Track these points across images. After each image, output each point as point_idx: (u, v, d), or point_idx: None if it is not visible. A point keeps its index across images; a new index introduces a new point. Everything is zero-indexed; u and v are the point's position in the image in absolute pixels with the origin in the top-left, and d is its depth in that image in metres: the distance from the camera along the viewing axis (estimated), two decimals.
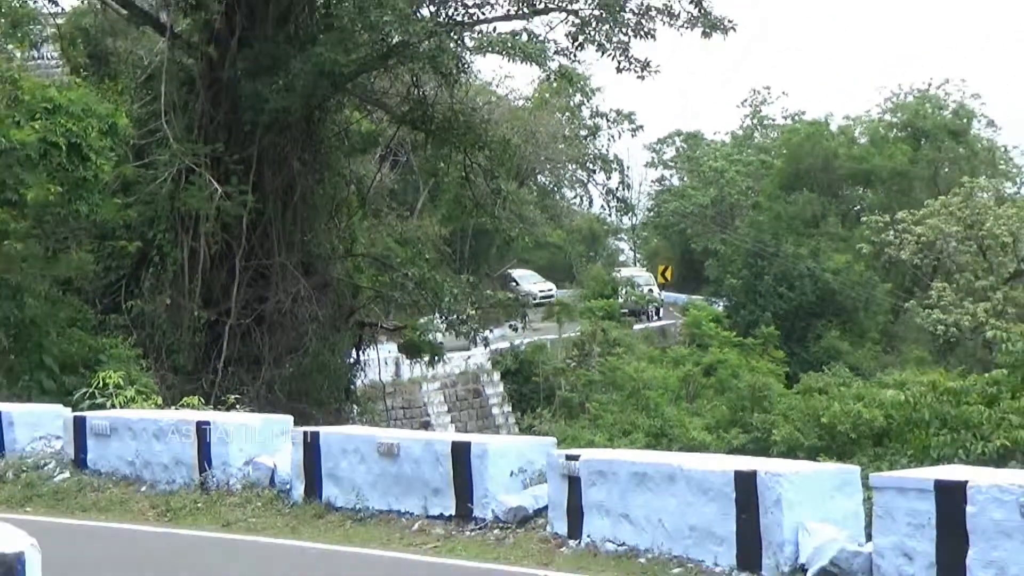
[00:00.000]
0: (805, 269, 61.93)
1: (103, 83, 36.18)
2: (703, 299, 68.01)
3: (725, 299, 65.97)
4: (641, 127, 77.32)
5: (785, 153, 71.68)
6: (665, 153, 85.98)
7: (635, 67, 36.58)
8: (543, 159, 67.94)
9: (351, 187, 40.15)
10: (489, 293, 45.40)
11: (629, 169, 79.99)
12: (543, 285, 72.37)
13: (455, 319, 41.55)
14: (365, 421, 37.27)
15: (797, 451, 30.84)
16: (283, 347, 35.76)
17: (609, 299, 63.26)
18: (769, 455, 23.65)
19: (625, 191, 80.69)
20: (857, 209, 65.54)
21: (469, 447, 20.56)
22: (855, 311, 60.35)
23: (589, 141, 76.69)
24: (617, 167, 78.42)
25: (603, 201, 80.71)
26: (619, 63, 36.66)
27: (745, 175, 74.12)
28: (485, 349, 51.94)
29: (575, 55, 38.08)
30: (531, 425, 46.49)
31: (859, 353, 54.57)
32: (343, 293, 38.40)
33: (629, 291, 67.47)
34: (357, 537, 19.66)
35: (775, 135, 76.07)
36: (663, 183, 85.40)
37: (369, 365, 44.98)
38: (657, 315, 69.47)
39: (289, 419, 23.51)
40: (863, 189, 68.41)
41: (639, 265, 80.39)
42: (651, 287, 71.55)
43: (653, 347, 58.81)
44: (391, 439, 21.98)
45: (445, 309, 40.89)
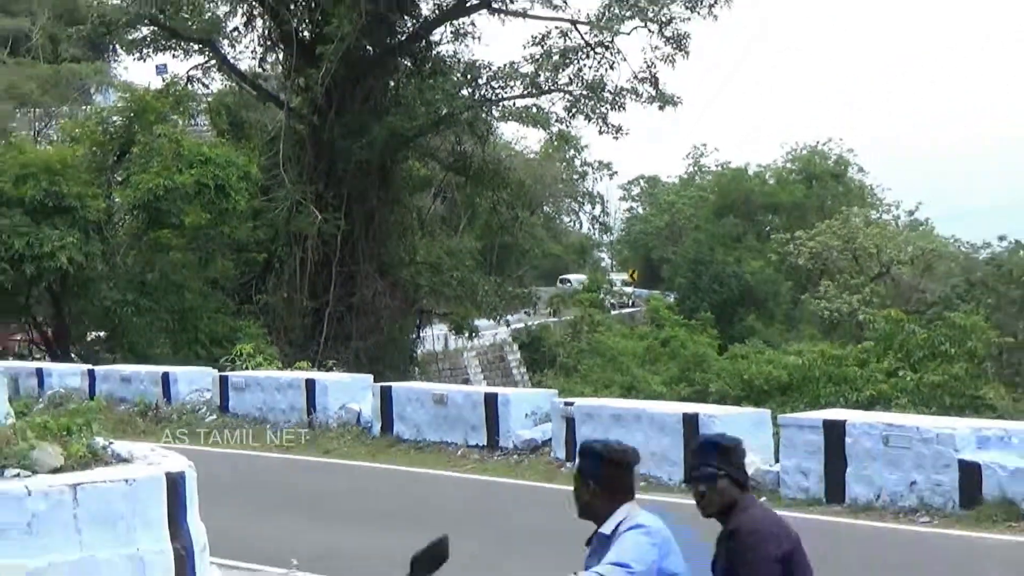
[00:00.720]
0: (731, 272, 61.70)
1: (239, 142, 36.14)
2: (660, 293, 67.59)
3: (675, 293, 65.56)
4: (616, 172, 77.15)
5: (716, 190, 71.32)
6: (632, 190, 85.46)
7: (611, 131, 36.62)
8: (548, 195, 67.88)
9: (413, 215, 40.01)
10: (509, 289, 45.15)
11: (608, 202, 79.99)
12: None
13: (486, 307, 41.44)
14: (423, 379, 37.11)
15: (726, 399, 30.78)
16: (366, 327, 35.66)
17: (593, 293, 62.98)
18: (707, 402, 23.65)
19: (605, 217, 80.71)
20: (768, 229, 65.02)
21: (496, 397, 20.61)
22: (766, 301, 60.07)
23: (579, 182, 76.30)
24: (599, 201, 78.48)
25: (589, 224, 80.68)
26: (600, 128, 36.73)
27: (689, 206, 73.57)
28: (507, 328, 51.84)
29: (569, 122, 38.02)
30: (540, 381, 46.29)
31: (769, 331, 54.27)
32: (408, 289, 38.28)
33: (606, 288, 67.31)
34: (418, 460, 19.71)
35: (710, 177, 75.53)
36: (631, 212, 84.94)
37: (426, 340, 44.89)
38: (631, 305, 69.17)
39: (370, 377, 23.59)
40: (772, 215, 67.96)
41: (615, 270, 79.92)
42: (627, 285, 71.53)
43: (625, 327, 58.69)
44: (442, 391, 22.00)
45: (479, 301, 40.75)
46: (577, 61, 35.84)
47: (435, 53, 36.84)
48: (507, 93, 37.12)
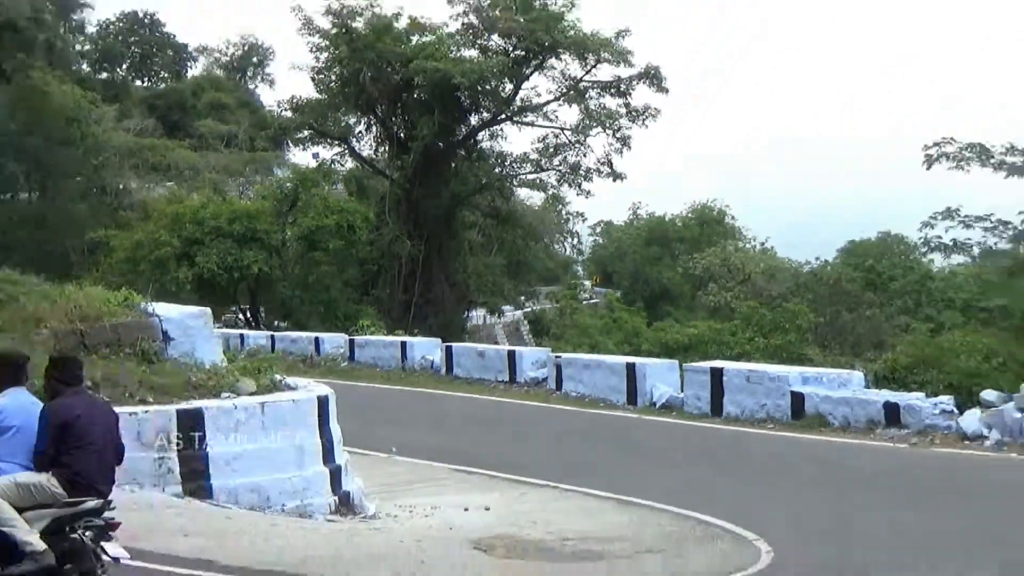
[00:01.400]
0: (655, 278, 61.44)
1: (362, 200, 36.35)
2: (612, 291, 67.28)
3: (621, 291, 65.26)
4: (587, 219, 77.05)
5: (647, 229, 70.92)
6: (596, 229, 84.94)
7: (584, 193, 36.96)
8: (546, 232, 67.42)
9: (465, 244, 39.99)
10: (523, 288, 45.04)
11: (581, 237, 79.75)
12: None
13: (508, 299, 41.41)
14: (471, 341, 37.13)
15: (652, 354, 30.73)
16: (436, 311, 35.63)
17: (572, 291, 62.71)
18: (640, 355, 23.65)
19: (579, 246, 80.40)
20: (677, 253, 64.40)
21: (515, 352, 20.72)
22: (677, 297, 59.63)
23: (564, 224, 75.92)
24: (576, 236, 78.37)
25: (570, 250, 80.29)
26: (577, 192, 37.24)
27: (630, 238, 73.17)
28: (521, 312, 51.97)
29: (559, 188, 38.70)
30: (540, 343, 46.23)
31: (677, 314, 53.79)
32: (461, 288, 38.23)
33: (580, 288, 67.02)
34: (470, 389, 19.76)
35: (643, 221, 75.09)
36: (595, 242, 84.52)
37: (472, 318, 44.84)
38: (594, 299, 68.82)
39: (439, 340, 23.65)
40: (680, 244, 67.33)
41: (585, 277, 79.55)
42: (593, 287, 71.52)
43: (591, 312, 58.42)
44: (482, 348, 22.13)
45: (505, 295, 40.80)
46: (563, 152, 36.09)
47: (479, 146, 37.04)
48: (521, 171, 37.69)
